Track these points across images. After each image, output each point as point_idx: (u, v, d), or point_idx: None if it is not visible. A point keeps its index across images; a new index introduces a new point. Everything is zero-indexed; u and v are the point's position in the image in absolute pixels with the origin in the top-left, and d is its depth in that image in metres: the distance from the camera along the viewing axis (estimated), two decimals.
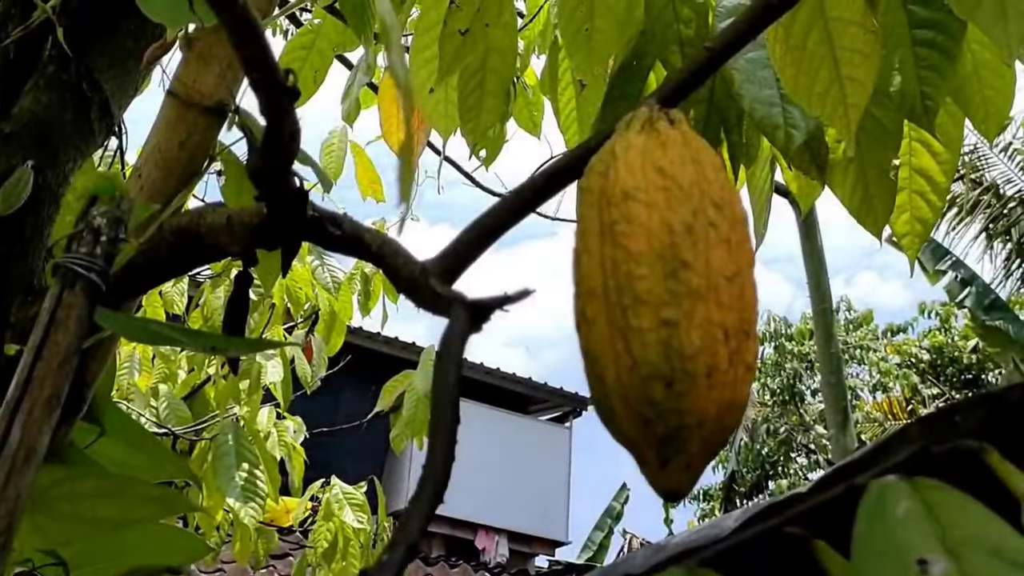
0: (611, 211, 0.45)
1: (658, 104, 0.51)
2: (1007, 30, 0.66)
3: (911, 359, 15.61)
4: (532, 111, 1.93)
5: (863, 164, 1.16)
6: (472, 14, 0.96)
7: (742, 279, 0.45)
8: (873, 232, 1.19)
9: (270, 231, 0.60)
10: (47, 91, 0.79)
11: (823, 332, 5.14)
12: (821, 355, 5.23)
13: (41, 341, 0.50)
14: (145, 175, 0.69)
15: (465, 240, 0.57)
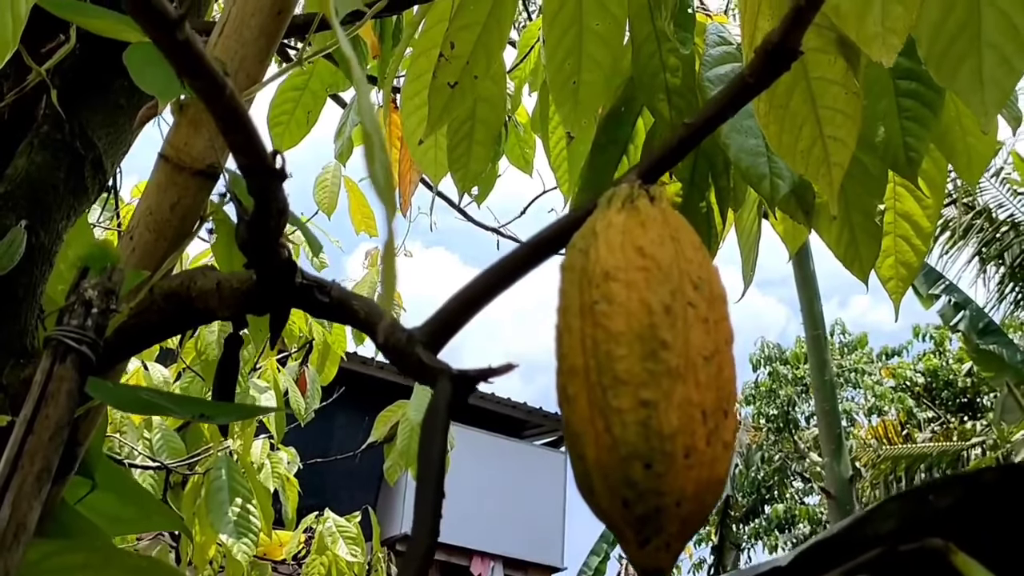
0: (592, 291, 0.46)
1: (639, 179, 0.52)
2: (984, 99, 0.67)
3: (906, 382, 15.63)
4: (524, 148, 1.95)
5: (849, 209, 1.17)
6: (461, 67, 0.98)
7: (720, 357, 0.45)
8: (859, 276, 1.20)
9: (259, 298, 0.61)
10: (41, 151, 0.80)
11: (817, 359, 5.15)
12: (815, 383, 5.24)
13: (32, 415, 0.51)
14: (137, 237, 0.70)
15: (451, 308, 0.58)
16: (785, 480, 16.21)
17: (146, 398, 0.55)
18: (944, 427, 13.44)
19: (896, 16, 0.59)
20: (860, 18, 0.60)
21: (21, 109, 0.82)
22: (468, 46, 0.97)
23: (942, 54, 0.70)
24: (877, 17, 0.59)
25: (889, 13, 0.59)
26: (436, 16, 1.17)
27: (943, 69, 0.70)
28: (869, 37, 0.60)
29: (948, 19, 0.71)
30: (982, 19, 0.70)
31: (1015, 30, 0.70)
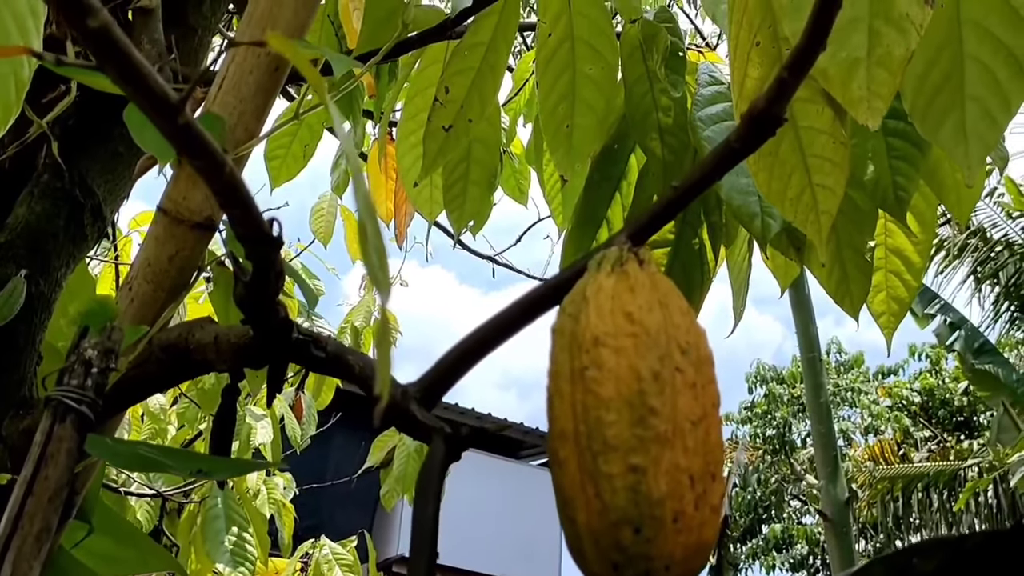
0: (582, 356, 0.47)
1: (628, 241, 0.53)
2: (968, 152, 0.69)
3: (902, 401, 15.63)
4: (519, 179, 1.96)
5: (839, 245, 1.18)
6: (456, 111, 0.99)
7: (707, 422, 0.47)
8: (850, 313, 1.21)
9: (256, 353, 0.62)
10: (41, 199, 0.81)
11: (812, 382, 5.16)
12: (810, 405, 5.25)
13: (32, 476, 0.52)
14: (135, 289, 0.71)
15: (445, 364, 0.59)
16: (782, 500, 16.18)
17: (144, 454, 0.56)
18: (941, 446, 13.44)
19: (881, 81, 0.60)
20: (845, 82, 0.61)
21: (22, 158, 0.83)
22: (462, 91, 0.99)
23: (926, 107, 0.72)
24: (862, 81, 0.60)
25: (874, 78, 0.60)
26: (431, 57, 1.18)
27: (927, 122, 0.71)
28: (854, 100, 0.61)
29: (931, 72, 0.73)
30: (965, 73, 0.72)
31: (997, 84, 0.71)
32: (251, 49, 0.69)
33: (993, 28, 0.72)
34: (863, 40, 0.61)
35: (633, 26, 1.08)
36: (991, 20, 0.72)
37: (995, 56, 0.71)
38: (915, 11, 0.60)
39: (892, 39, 0.60)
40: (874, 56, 0.61)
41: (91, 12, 0.34)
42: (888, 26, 0.61)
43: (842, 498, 4.97)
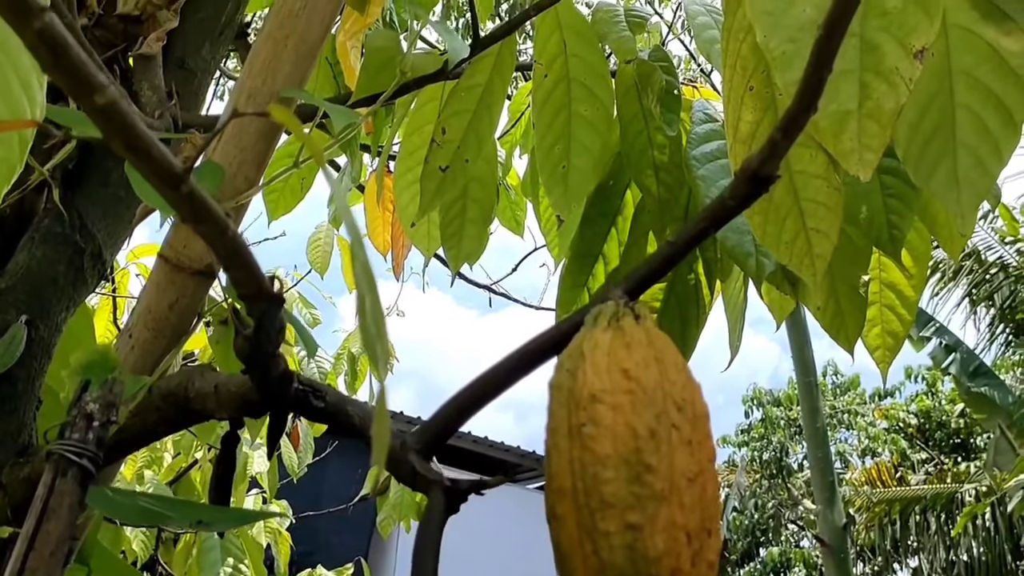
0: (579, 413, 0.48)
1: (624, 295, 0.54)
2: (960, 200, 0.70)
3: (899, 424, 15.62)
4: (515, 210, 1.97)
5: (834, 280, 1.19)
6: (452, 152, 1.00)
7: (703, 478, 0.47)
8: (845, 347, 1.22)
9: (256, 403, 0.62)
10: (42, 245, 0.81)
11: (808, 406, 5.16)
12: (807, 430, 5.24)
13: (34, 530, 0.52)
14: (136, 335, 0.72)
15: (444, 416, 0.59)
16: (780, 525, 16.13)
17: (145, 506, 0.57)
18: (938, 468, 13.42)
19: (872, 133, 0.61)
20: (837, 134, 0.62)
21: (23, 204, 0.84)
22: (459, 132, 1.00)
23: (919, 155, 0.73)
24: (853, 134, 0.61)
25: (865, 130, 0.61)
26: (428, 95, 1.19)
27: (920, 170, 0.72)
28: (846, 152, 0.62)
29: (924, 120, 0.74)
30: (956, 121, 0.73)
31: (988, 132, 0.72)
32: (251, 98, 0.70)
33: (983, 78, 0.73)
34: (854, 93, 0.62)
35: (628, 66, 1.09)
36: (981, 70, 0.73)
37: (985, 105, 0.72)
38: (905, 65, 0.61)
39: (882, 92, 0.61)
40: (865, 109, 0.62)
41: (98, 89, 0.35)
42: (878, 79, 0.62)
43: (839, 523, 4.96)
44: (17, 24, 0.33)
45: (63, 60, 0.34)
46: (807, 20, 0.64)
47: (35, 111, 0.56)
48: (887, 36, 0.62)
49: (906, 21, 0.61)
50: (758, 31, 0.66)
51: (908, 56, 0.61)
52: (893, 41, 0.62)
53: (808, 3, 0.65)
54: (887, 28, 0.62)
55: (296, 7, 0.69)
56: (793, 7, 0.65)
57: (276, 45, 0.70)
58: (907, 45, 0.61)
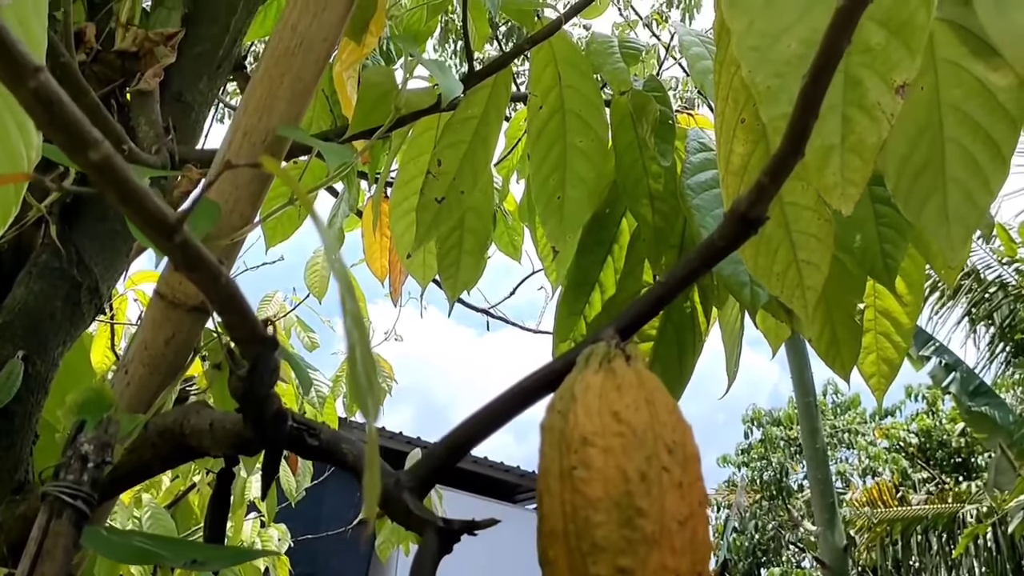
0: (570, 455, 0.48)
1: (616, 335, 0.54)
2: (950, 234, 0.70)
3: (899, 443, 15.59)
4: (512, 236, 1.98)
5: (829, 308, 1.20)
6: (448, 183, 1.00)
7: (694, 521, 0.47)
8: (840, 375, 1.22)
9: (251, 440, 0.63)
10: (39, 280, 0.82)
11: (808, 427, 5.15)
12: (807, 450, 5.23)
13: (28, 572, 0.52)
14: (132, 372, 0.72)
15: (438, 453, 0.60)
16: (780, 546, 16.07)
17: (140, 546, 0.57)
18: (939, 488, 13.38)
19: (854, 167, 0.62)
20: (820, 169, 0.62)
21: (20, 238, 0.84)
22: (455, 163, 1.00)
23: (909, 189, 0.73)
24: (836, 168, 0.62)
25: (848, 164, 0.62)
26: (424, 124, 1.20)
27: (910, 204, 0.73)
28: (829, 186, 0.62)
29: (913, 154, 0.74)
30: (946, 155, 0.74)
31: (977, 166, 0.73)
32: (247, 136, 0.71)
33: (972, 112, 0.73)
34: (837, 127, 0.63)
35: (623, 97, 1.10)
36: (970, 104, 0.74)
37: (974, 139, 0.73)
38: (886, 100, 0.61)
39: (864, 127, 0.62)
40: (847, 143, 0.62)
41: (92, 145, 0.35)
42: (861, 114, 0.62)
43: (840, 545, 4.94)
44: (12, 84, 0.33)
45: (58, 117, 0.35)
46: (793, 56, 0.65)
47: (31, 154, 0.56)
48: (870, 72, 0.63)
49: (889, 57, 0.62)
50: (744, 67, 0.67)
51: (890, 91, 0.61)
52: (876, 76, 0.62)
53: (794, 39, 0.65)
54: (870, 64, 0.63)
55: (291, 45, 0.70)
56: (779, 43, 0.66)
57: (272, 83, 0.70)
58: (889, 80, 0.62)
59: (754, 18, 0.66)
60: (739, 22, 0.68)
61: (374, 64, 1.54)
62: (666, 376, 1.24)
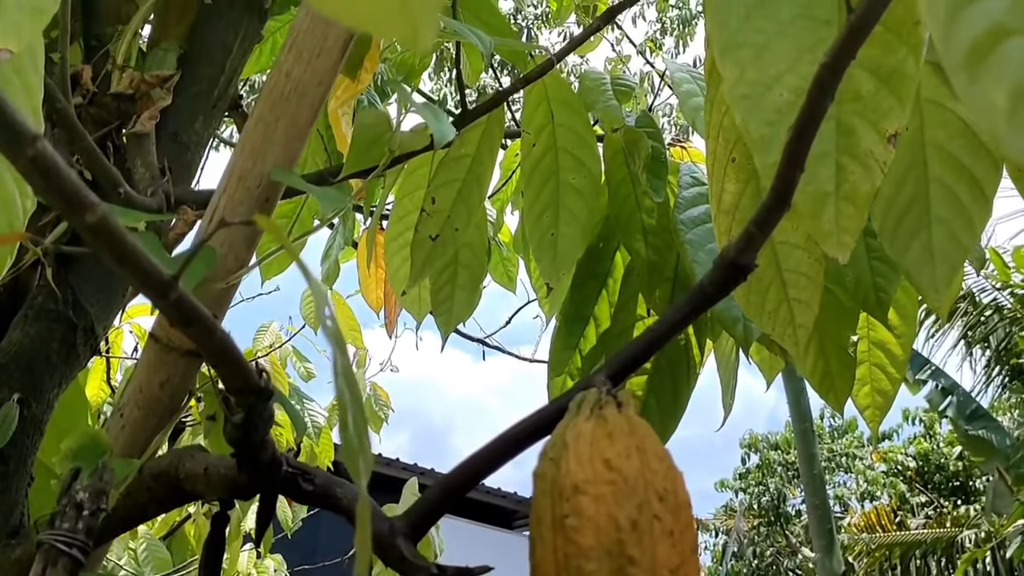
0: (562, 504, 0.49)
1: (608, 381, 0.55)
2: (934, 274, 0.71)
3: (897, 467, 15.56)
4: (507, 266, 1.99)
5: (823, 341, 1.20)
6: (442, 221, 1.01)
7: (686, 568, 0.48)
8: (835, 407, 1.23)
9: (246, 485, 0.63)
10: (35, 322, 0.82)
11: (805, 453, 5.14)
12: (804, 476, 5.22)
13: None
14: (127, 415, 0.73)
15: (431, 498, 0.60)
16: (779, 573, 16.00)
17: None
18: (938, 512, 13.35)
19: (849, 215, 0.63)
20: (815, 216, 0.63)
21: (16, 280, 0.85)
22: (449, 201, 1.01)
23: (894, 229, 0.74)
24: (831, 216, 0.63)
25: (842, 212, 0.63)
26: (419, 160, 1.21)
27: (895, 244, 0.74)
28: (824, 234, 0.63)
29: (898, 194, 0.75)
30: (930, 195, 0.75)
31: (961, 206, 0.74)
32: (242, 181, 0.72)
33: (956, 152, 0.74)
34: (831, 175, 0.64)
35: (615, 134, 1.11)
36: (954, 144, 0.75)
37: (959, 179, 0.74)
38: (879, 149, 0.62)
39: (858, 175, 0.63)
40: (842, 191, 0.63)
41: (89, 208, 0.36)
42: (854, 163, 0.63)
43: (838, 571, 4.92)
44: (11, 154, 0.34)
45: (54, 184, 0.35)
46: (784, 104, 0.66)
47: (27, 203, 0.57)
48: (861, 120, 0.64)
49: (879, 105, 0.63)
50: (736, 115, 0.68)
51: (882, 140, 0.62)
52: (867, 125, 0.63)
53: (785, 88, 0.66)
54: (861, 112, 0.64)
55: (286, 91, 0.71)
56: (771, 91, 0.67)
57: (267, 127, 0.71)
58: (880, 129, 0.63)
59: (745, 67, 0.67)
60: (731, 71, 0.68)
61: (368, 99, 1.55)
62: (661, 409, 1.25)
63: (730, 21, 0.70)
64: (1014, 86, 0.27)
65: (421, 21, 0.20)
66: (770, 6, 0.69)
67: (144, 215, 0.72)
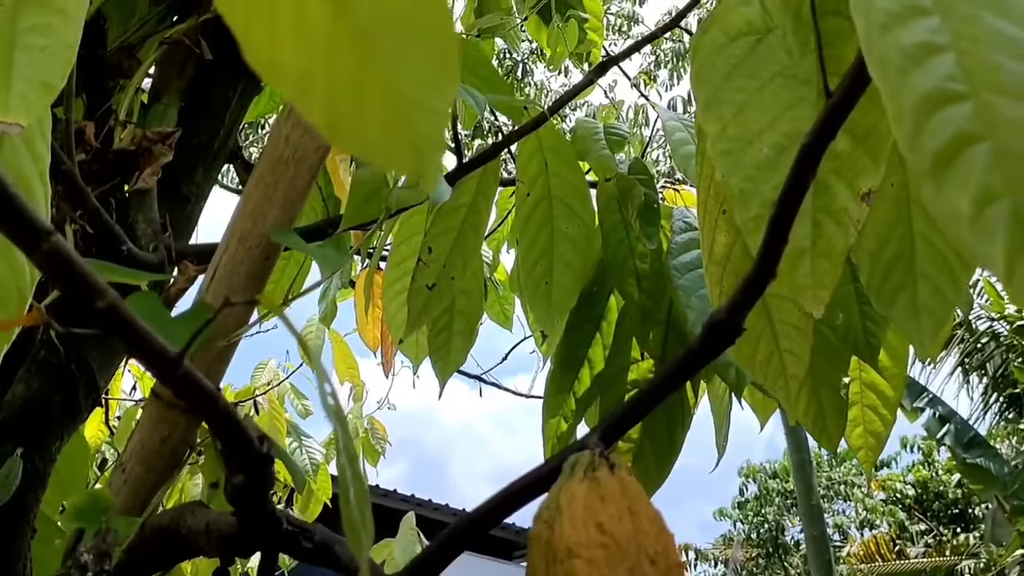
0: (557, 566, 0.50)
1: (600, 443, 0.56)
2: (920, 328, 0.73)
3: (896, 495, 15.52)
4: (504, 305, 2.01)
5: (815, 383, 1.21)
6: (439, 270, 1.03)
7: None
8: (828, 448, 1.24)
9: (246, 542, 0.64)
10: (38, 377, 0.84)
11: (803, 484, 5.14)
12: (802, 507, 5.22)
13: None
14: (129, 470, 0.74)
15: (430, 555, 0.61)
16: None
17: None
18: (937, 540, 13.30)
19: (824, 271, 0.64)
20: (792, 272, 0.65)
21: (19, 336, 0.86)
22: (445, 250, 1.03)
23: (881, 283, 0.76)
24: (807, 271, 0.65)
25: (818, 268, 0.65)
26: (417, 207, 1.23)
27: (883, 298, 0.75)
28: (800, 288, 0.65)
29: (884, 249, 0.77)
30: (915, 250, 0.76)
31: (946, 262, 0.75)
32: (242, 241, 0.73)
33: None
34: (807, 231, 0.66)
35: (609, 183, 1.13)
36: None
37: (943, 235, 0.75)
38: (852, 207, 0.64)
39: (833, 232, 0.65)
40: (817, 248, 0.65)
41: (99, 295, 0.38)
42: (830, 219, 0.65)
43: None
44: (26, 248, 0.36)
45: (67, 273, 0.37)
46: (764, 160, 0.68)
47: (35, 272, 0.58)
48: (837, 178, 0.66)
49: (854, 164, 0.65)
50: (718, 170, 0.70)
51: (856, 198, 0.64)
52: (842, 183, 0.65)
53: (765, 144, 0.68)
54: (837, 170, 0.66)
55: (285, 155, 0.73)
56: (751, 147, 0.69)
57: (266, 189, 0.73)
58: (855, 188, 0.64)
59: (727, 123, 0.69)
60: (713, 126, 0.70)
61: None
62: (656, 452, 1.26)
63: (713, 77, 0.72)
64: (977, 193, 0.29)
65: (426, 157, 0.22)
66: (752, 64, 0.72)
67: (147, 275, 0.73)
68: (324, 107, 0.22)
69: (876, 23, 0.33)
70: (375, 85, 0.21)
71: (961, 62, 0.31)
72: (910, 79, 0.31)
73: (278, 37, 0.22)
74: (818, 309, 0.65)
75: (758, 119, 0.70)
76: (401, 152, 0.22)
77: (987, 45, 0.31)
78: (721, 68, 0.71)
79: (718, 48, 0.70)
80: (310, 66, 0.22)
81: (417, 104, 0.21)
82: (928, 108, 0.31)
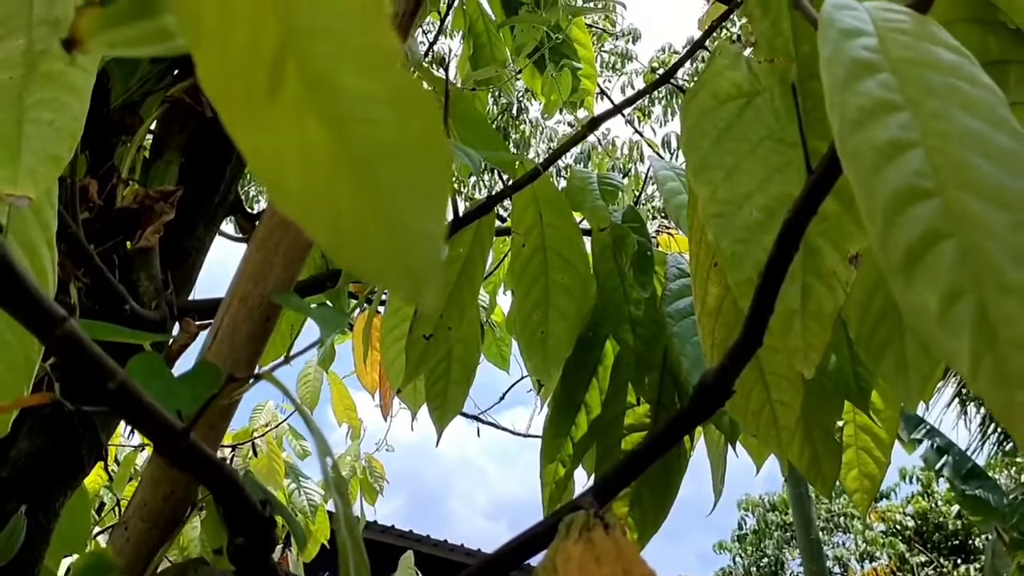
0: None
1: (596, 502, 0.58)
2: (907, 383, 0.74)
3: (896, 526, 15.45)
4: (501, 347, 2.02)
5: (809, 426, 1.23)
6: (435, 321, 1.05)
7: None
8: (823, 492, 1.25)
9: None
10: (41, 433, 0.85)
11: (801, 518, 5.13)
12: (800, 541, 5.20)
13: None
14: (131, 528, 0.75)
15: None
16: None
17: None
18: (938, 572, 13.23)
19: (814, 332, 0.66)
20: (784, 333, 0.67)
21: None
22: (441, 302, 1.05)
23: (869, 337, 0.78)
24: (798, 332, 0.66)
25: (808, 329, 0.66)
26: None
27: (871, 352, 0.77)
28: (792, 349, 0.67)
29: (872, 303, 0.79)
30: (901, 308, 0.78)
31: None
32: (243, 301, 0.75)
33: None
34: (797, 294, 0.67)
35: (603, 232, 1.15)
36: None
37: None
38: (841, 270, 0.66)
39: (822, 294, 0.66)
40: (807, 310, 0.67)
41: (110, 376, 0.39)
42: (819, 282, 0.67)
43: None
44: (40, 334, 0.37)
45: (80, 357, 0.38)
46: (754, 223, 0.70)
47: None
48: (825, 240, 0.67)
49: (842, 228, 0.67)
50: (709, 232, 0.72)
51: (844, 261, 0.66)
52: (830, 246, 0.67)
53: (755, 207, 0.70)
54: (825, 233, 0.67)
55: (286, 218, 0.74)
56: (741, 210, 0.70)
57: (267, 252, 0.75)
58: (843, 250, 0.66)
59: (717, 187, 0.71)
60: (703, 189, 0.72)
61: None
62: (653, 498, 1.27)
63: (703, 143, 0.74)
64: (945, 290, 0.30)
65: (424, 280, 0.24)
66: (741, 127, 0.74)
67: (149, 336, 0.75)
68: (328, 233, 0.23)
69: (849, 120, 0.35)
70: (376, 215, 0.22)
71: (930, 158, 0.33)
72: (882, 176, 0.33)
73: (284, 162, 0.23)
74: (808, 371, 0.66)
75: (747, 182, 0.72)
76: (401, 278, 0.23)
77: (955, 141, 0.33)
78: (711, 132, 0.73)
79: (707, 112, 0.72)
80: (313, 192, 0.23)
81: (417, 234, 0.22)
82: (898, 205, 0.32)
